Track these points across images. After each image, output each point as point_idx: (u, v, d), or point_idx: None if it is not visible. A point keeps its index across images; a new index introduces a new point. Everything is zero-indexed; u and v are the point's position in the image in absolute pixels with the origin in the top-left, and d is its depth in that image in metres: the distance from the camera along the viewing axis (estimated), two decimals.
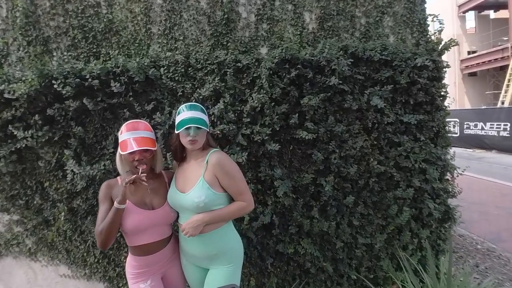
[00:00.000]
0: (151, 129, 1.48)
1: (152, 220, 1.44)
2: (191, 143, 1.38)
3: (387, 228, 2.20)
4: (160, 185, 1.56)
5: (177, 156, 1.51)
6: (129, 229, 1.43)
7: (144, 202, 1.47)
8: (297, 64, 1.97)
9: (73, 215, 2.20)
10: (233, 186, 1.42)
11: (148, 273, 1.52)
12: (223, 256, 1.46)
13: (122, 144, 1.42)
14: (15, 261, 2.33)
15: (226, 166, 1.41)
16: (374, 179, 2.11)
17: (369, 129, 2.11)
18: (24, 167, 2.16)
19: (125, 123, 1.45)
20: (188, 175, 1.44)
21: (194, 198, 1.35)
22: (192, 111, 1.40)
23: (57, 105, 1.95)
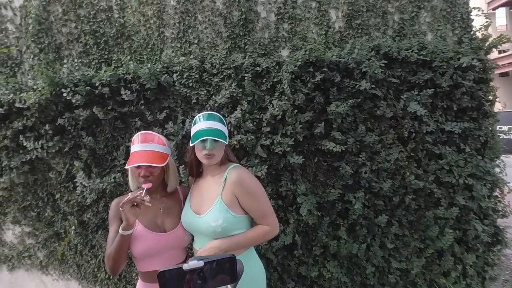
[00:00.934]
0: (165, 143, 1.30)
1: (164, 244, 1.28)
2: (207, 157, 1.20)
3: (426, 252, 1.93)
4: (174, 204, 1.39)
5: (193, 172, 1.34)
6: (138, 254, 1.28)
7: (156, 224, 1.31)
8: (322, 67, 1.77)
9: (84, 229, 2.10)
10: (256, 208, 1.23)
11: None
12: (247, 285, 1.27)
13: (130, 157, 1.27)
14: (27, 273, 2.26)
15: (248, 184, 1.21)
16: (411, 196, 1.86)
17: (405, 139, 1.86)
18: (36, 178, 2.10)
19: (138, 133, 1.30)
20: (204, 193, 1.26)
21: (211, 222, 1.17)
22: (209, 121, 1.21)
23: (68, 115, 1.87)
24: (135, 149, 1.25)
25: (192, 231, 1.27)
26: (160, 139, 1.29)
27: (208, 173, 1.29)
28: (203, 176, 1.32)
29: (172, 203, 1.39)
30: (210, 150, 1.18)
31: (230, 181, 1.21)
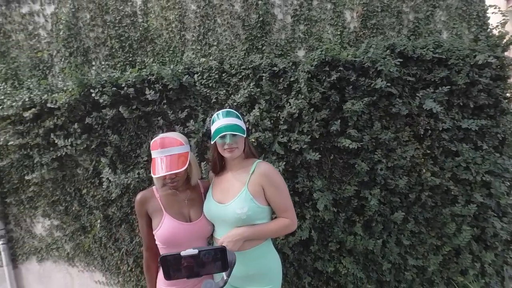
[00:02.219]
0: (181, 140, 1.34)
1: (190, 232, 1.35)
2: (229, 151, 1.28)
3: (443, 249, 1.93)
4: (197, 196, 1.47)
5: (216, 168, 1.41)
6: (165, 242, 1.36)
7: (182, 214, 1.39)
8: (338, 66, 1.82)
9: (108, 223, 2.21)
10: (279, 201, 1.30)
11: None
12: (262, 277, 1.33)
13: (152, 163, 1.32)
14: (54, 265, 2.39)
15: (275, 178, 1.29)
16: (427, 193, 1.87)
17: (420, 137, 1.88)
18: (64, 174, 2.22)
19: (155, 138, 1.33)
20: (227, 185, 1.34)
21: (236, 209, 1.24)
22: (226, 118, 1.29)
23: (95, 114, 1.98)
24: (156, 155, 1.30)
25: (214, 220, 1.33)
26: (178, 140, 1.33)
27: (231, 167, 1.36)
28: (226, 170, 1.39)
29: (195, 195, 1.47)
30: (230, 144, 1.26)
31: (258, 173, 1.28)
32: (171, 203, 1.41)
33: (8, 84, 2.22)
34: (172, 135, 1.36)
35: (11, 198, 2.35)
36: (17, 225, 2.40)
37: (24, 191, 2.32)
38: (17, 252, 2.44)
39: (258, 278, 1.32)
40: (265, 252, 1.37)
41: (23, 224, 2.39)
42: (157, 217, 1.40)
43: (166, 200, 1.42)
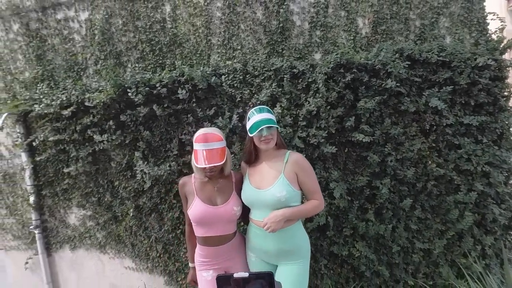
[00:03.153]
0: (221, 136, 1.54)
1: (214, 214, 1.55)
2: (265, 142, 1.47)
3: (447, 234, 2.13)
4: (227, 184, 1.67)
5: (251, 158, 1.60)
6: (194, 219, 1.57)
7: (210, 199, 1.59)
8: (352, 68, 2.01)
9: (139, 212, 2.40)
10: (310, 185, 1.51)
11: (211, 263, 1.64)
12: (295, 252, 1.52)
13: (194, 153, 1.52)
14: (86, 252, 2.58)
15: (306, 164, 1.51)
16: (433, 182, 2.07)
17: (426, 131, 2.08)
18: (97, 168, 2.41)
19: (198, 133, 1.52)
20: (264, 173, 1.53)
21: (276, 193, 1.43)
22: (261, 113, 1.49)
23: (129, 112, 2.17)
24: (199, 147, 1.49)
25: (253, 204, 1.53)
26: (218, 135, 1.52)
27: (265, 157, 1.55)
28: (259, 161, 1.59)
29: (226, 184, 1.67)
30: (267, 136, 1.46)
31: (292, 161, 1.49)
32: (203, 189, 1.63)
33: (44, 85, 2.40)
34: (213, 130, 1.56)
35: (46, 190, 2.53)
36: (52, 216, 2.58)
37: (59, 184, 2.50)
38: (51, 241, 2.62)
39: (292, 254, 1.52)
40: (297, 230, 1.57)
41: (57, 215, 2.57)
42: (190, 199, 1.63)
43: (199, 185, 1.65)
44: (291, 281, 1.49)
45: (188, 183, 1.66)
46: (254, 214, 1.56)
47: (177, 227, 2.35)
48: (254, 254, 1.62)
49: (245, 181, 1.60)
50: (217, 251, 1.63)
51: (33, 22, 2.44)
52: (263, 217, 1.48)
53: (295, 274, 1.51)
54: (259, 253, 1.59)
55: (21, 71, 2.51)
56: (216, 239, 1.60)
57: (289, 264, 1.52)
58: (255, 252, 1.61)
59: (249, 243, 1.64)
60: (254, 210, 1.55)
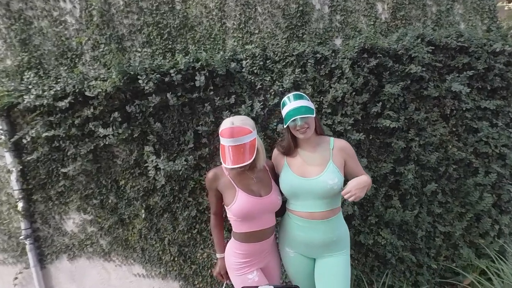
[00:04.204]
0: (250, 128, 1.37)
1: (261, 206, 1.44)
2: (302, 132, 1.39)
3: (466, 216, 2.18)
4: (264, 174, 1.56)
5: (290, 150, 1.49)
6: (240, 214, 1.43)
7: (252, 190, 1.47)
8: (375, 53, 1.97)
9: (149, 213, 2.19)
10: (358, 170, 1.47)
11: (254, 262, 1.52)
12: (339, 242, 1.45)
13: (221, 148, 1.39)
14: (88, 261, 2.31)
15: (352, 150, 1.47)
16: (454, 166, 2.10)
17: (447, 116, 2.10)
18: (99, 166, 2.16)
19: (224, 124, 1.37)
20: (309, 161, 1.44)
21: (328, 180, 1.35)
22: (295, 101, 1.40)
23: (137, 102, 1.95)
24: (226, 143, 1.36)
25: (297, 194, 1.42)
26: (247, 129, 1.37)
27: (307, 145, 1.46)
28: (300, 149, 1.48)
29: (262, 173, 1.56)
30: (302, 126, 1.36)
31: (339, 148, 1.43)
32: (242, 180, 1.51)
33: (32, 73, 2.09)
34: (241, 122, 1.40)
35: (38, 194, 2.22)
36: (45, 223, 2.27)
37: (53, 186, 2.21)
38: (45, 251, 2.31)
39: (335, 245, 1.45)
40: (340, 220, 1.50)
41: (52, 222, 2.28)
42: (230, 193, 1.48)
43: (237, 177, 1.51)
44: (337, 273, 1.43)
45: (221, 176, 1.52)
46: (296, 205, 1.46)
47: (193, 226, 2.18)
48: (293, 249, 1.53)
49: (285, 170, 1.49)
50: (261, 247, 1.51)
51: (15, 2, 2.11)
52: (309, 208, 1.40)
53: (341, 265, 1.44)
54: (300, 247, 1.49)
55: (1, 58, 2.17)
56: (260, 234, 1.49)
57: (333, 256, 1.45)
58: (294, 247, 1.51)
59: (287, 237, 1.54)
60: (296, 201, 1.46)
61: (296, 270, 1.56)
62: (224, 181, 1.49)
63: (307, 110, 1.37)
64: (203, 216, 2.14)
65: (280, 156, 1.56)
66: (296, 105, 1.38)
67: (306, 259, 1.51)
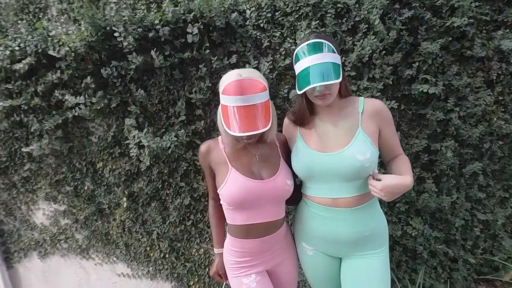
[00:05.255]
0: (264, 83, 1.02)
1: (261, 192, 1.09)
2: (321, 98, 1.02)
3: (510, 201, 1.85)
4: (271, 151, 1.19)
5: (304, 120, 1.13)
6: (231, 201, 1.09)
7: (251, 171, 1.12)
8: (409, 3, 1.60)
9: (133, 202, 1.83)
10: (395, 141, 1.10)
11: (253, 263, 1.18)
12: (375, 238, 1.10)
13: (223, 111, 1.01)
14: (63, 259, 1.96)
15: (389, 114, 1.09)
16: (500, 142, 1.76)
17: (492, 82, 1.74)
18: (71, 146, 1.78)
19: (227, 78, 1.01)
20: (330, 130, 1.08)
21: (357, 155, 0.99)
22: (314, 55, 0.98)
23: (114, 63, 1.56)
24: (230, 102, 0.98)
25: (315, 175, 1.07)
26: (260, 83, 1.00)
27: (327, 112, 1.09)
28: (317, 116, 1.12)
29: (269, 151, 1.19)
30: (322, 91, 0.99)
31: (370, 110, 1.06)
32: (239, 157, 1.14)
33: None
34: (251, 74, 1.02)
35: None
36: (9, 215, 1.91)
37: (17, 171, 1.84)
38: (10, 248, 1.95)
39: (369, 241, 1.09)
40: (376, 209, 1.14)
41: (17, 213, 1.91)
42: (221, 171, 1.12)
43: (233, 152, 1.14)
44: (371, 278, 1.07)
45: (214, 149, 1.16)
46: (313, 189, 1.11)
47: (186, 217, 1.83)
48: (312, 246, 1.17)
49: (299, 144, 1.12)
50: (263, 245, 1.16)
51: None
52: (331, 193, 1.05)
53: (377, 269, 1.08)
54: (320, 244, 1.14)
55: None
56: (261, 228, 1.14)
57: (365, 256, 1.09)
58: (313, 243, 1.16)
59: (303, 230, 1.18)
60: (314, 184, 1.10)
61: (316, 272, 1.21)
62: (218, 155, 1.14)
63: (329, 69, 0.96)
64: (198, 205, 1.79)
65: (292, 126, 1.19)
66: (314, 61, 0.98)
67: (329, 258, 1.16)
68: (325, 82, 0.94)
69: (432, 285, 1.88)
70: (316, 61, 0.98)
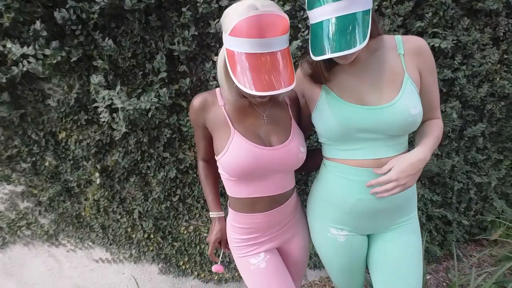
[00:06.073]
0: (288, 21, 0.77)
1: (270, 161, 0.91)
2: (342, 58, 0.80)
3: (503, 164, 1.86)
4: (281, 112, 1.00)
5: (322, 77, 0.91)
6: (231, 170, 0.91)
7: (258, 136, 0.93)
8: None
9: (108, 178, 1.57)
10: (436, 93, 0.92)
11: (260, 240, 1.02)
12: (408, 204, 0.97)
13: (230, 58, 0.77)
14: (27, 248, 1.68)
15: (431, 55, 0.90)
16: (501, 103, 1.71)
17: (498, 40, 1.66)
18: (23, 113, 1.44)
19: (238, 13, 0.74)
20: (366, 79, 0.87)
21: (410, 108, 0.81)
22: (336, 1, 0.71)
23: (71, 3, 1.22)
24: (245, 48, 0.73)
25: (355, 133, 0.87)
26: (282, 17, 0.76)
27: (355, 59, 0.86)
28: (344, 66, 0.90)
29: (279, 110, 0.99)
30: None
31: (413, 50, 0.87)
32: (243, 117, 0.93)
33: None
34: (270, 5, 0.76)
35: None
36: None
37: None
38: None
39: (402, 209, 0.95)
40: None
41: None
42: (221, 135, 0.92)
43: (235, 111, 0.94)
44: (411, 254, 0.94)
45: (212, 106, 0.95)
46: (349, 151, 0.91)
47: (172, 193, 1.61)
48: (346, 227, 0.97)
49: (327, 97, 0.91)
50: (271, 219, 1.00)
51: None
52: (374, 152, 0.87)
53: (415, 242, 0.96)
54: (358, 221, 0.95)
55: None
56: (269, 201, 0.97)
57: (400, 227, 0.96)
58: (349, 223, 0.96)
59: (334, 210, 0.97)
60: (352, 144, 0.90)
61: (348, 260, 1.01)
62: (216, 114, 0.93)
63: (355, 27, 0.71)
64: (186, 178, 1.57)
65: (308, 80, 0.96)
66: (334, 12, 0.71)
67: (362, 239, 1.00)
68: (347, 51, 0.71)
69: (428, 248, 1.89)
70: (338, 12, 0.71)
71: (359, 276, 1.06)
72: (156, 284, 1.81)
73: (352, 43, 0.71)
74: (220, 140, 0.92)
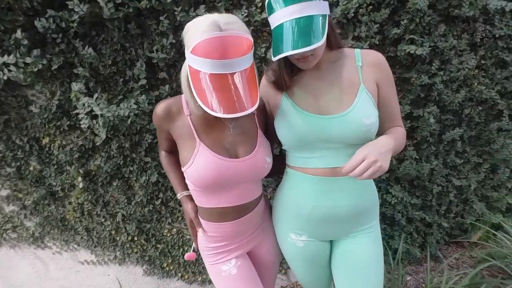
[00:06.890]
0: (251, 40, 0.77)
1: (237, 173, 0.92)
2: (302, 61, 0.84)
3: (482, 167, 1.89)
4: (247, 122, 1.00)
5: (283, 83, 0.94)
6: (197, 182, 0.90)
7: (224, 147, 0.93)
8: None
9: (91, 182, 1.60)
10: (395, 104, 0.95)
11: (230, 247, 1.04)
12: (371, 210, 1.00)
13: (193, 76, 0.76)
14: (13, 251, 1.71)
15: (389, 68, 0.93)
16: (478, 108, 1.74)
17: (476, 46, 1.68)
18: (7, 119, 1.47)
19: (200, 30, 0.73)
20: (323, 89, 0.91)
21: (363, 118, 0.84)
22: (290, 5, 0.75)
23: (51, 13, 1.25)
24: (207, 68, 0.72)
25: (313, 141, 0.90)
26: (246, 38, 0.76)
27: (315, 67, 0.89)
28: (305, 74, 0.94)
29: (245, 121, 1.00)
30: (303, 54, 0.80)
31: (370, 63, 0.90)
32: (208, 129, 0.92)
33: None
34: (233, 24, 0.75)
35: None
36: None
37: None
38: None
39: (365, 215, 0.98)
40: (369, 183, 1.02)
41: None
42: (187, 146, 0.92)
43: (201, 122, 0.92)
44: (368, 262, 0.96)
45: (177, 115, 0.94)
46: (308, 159, 0.94)
47: (155, 196, 1.64)
48: (304, 233, 1.00)
49: (286, 106, 0.94)
50: (240, 227, 1.01)
51: None
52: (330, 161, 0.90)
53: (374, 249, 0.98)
54: (316, 227, 0.98)
55: None
56: (236, 210, 0.98)
57: (361, 233, 0.98)
58: (307, 229, 0.99)
59: (294, 216, 1.00)
60: (309, 153, 0.93)
61: (309, 264, 1.04)
62: (182, 124, 0.92)
63: (310, 27, 0.74)
64: (168, 182, 1.60)
65: (271, 87, 0.99)
66: (291, 16, 0.75)
67: (322, 244, 1.02)
68: (302, 49, 0.73)
69: (408, 249, 1.93)
70: (294, 14, 0.75)
71: (324, 280, 1.09)
72: (141, 286, 1.84)
73: (309, 42, 0.74)
74: (185, 151, 0.91)
